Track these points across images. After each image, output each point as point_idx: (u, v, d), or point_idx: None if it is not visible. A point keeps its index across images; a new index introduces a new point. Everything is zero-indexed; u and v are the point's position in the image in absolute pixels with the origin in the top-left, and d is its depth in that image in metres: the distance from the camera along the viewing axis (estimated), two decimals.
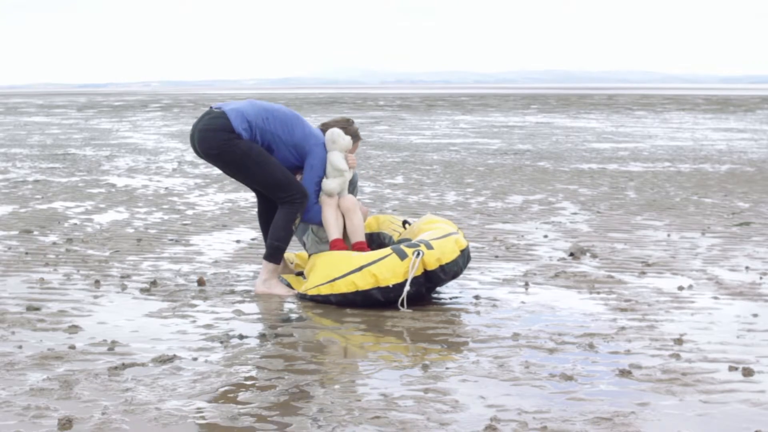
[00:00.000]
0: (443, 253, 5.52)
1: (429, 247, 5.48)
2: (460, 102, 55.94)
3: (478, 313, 5.48)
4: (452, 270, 5.59)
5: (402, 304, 5.47)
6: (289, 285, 6.03)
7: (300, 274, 6.28)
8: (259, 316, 5.41)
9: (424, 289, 5.58)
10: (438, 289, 6.00)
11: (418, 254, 5.42)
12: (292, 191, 5.88)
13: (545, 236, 8.16)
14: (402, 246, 5.58)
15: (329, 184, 5.98)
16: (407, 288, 5.42)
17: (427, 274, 5.49)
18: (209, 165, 15.21)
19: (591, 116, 35.06)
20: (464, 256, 5.70)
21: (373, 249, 6.19)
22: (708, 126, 27.85)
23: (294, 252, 6.89)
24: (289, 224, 5.92)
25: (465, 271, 6.60)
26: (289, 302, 5.76)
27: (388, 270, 5.43)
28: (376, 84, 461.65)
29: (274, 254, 5.96)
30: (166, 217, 9.37)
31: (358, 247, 5.98)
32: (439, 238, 5.64)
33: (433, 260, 5.47)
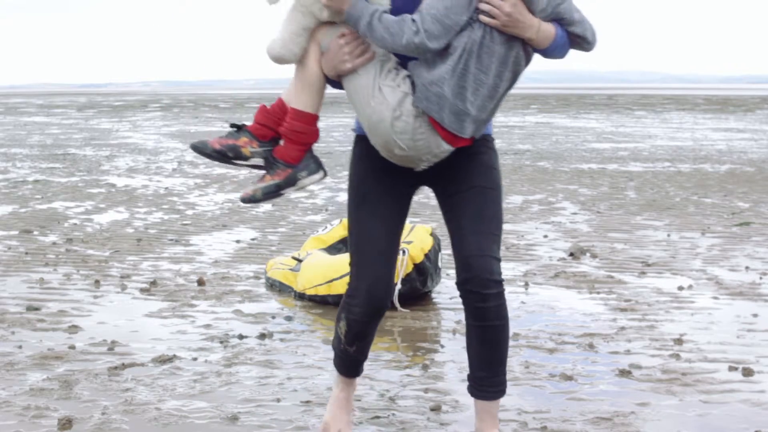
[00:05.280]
0: (422, 241, 5.71)
1: (408, 242, 5.61)
2: None
3: None
4: (434, 256, 5.74)
5: (396, 305, 5.49)
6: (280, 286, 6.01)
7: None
8: (259, 316, 5.41)
9: (418, 284, 5.61)
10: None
11: (404, 252, 5.52)
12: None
13: (545, 236, 8.16)
14: None
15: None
16: (398, 287, 5.48)
17: (417, 267, 5.58)
18: (209, 165, 15.18)
19: (591, 116, 35.05)
20: (435, 238, 5.89)
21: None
22: (708, 126, 27.85)
23: (285, 256, 6.88)
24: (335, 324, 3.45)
25: None
26: (288, 302, 5.76)
27: None
28: None
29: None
30: (166, 217, 9.37)
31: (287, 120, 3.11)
32: (410, 233, 5.82)
33: (417, 252, 5.62)
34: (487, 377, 3.21)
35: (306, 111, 3.07)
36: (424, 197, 10.98)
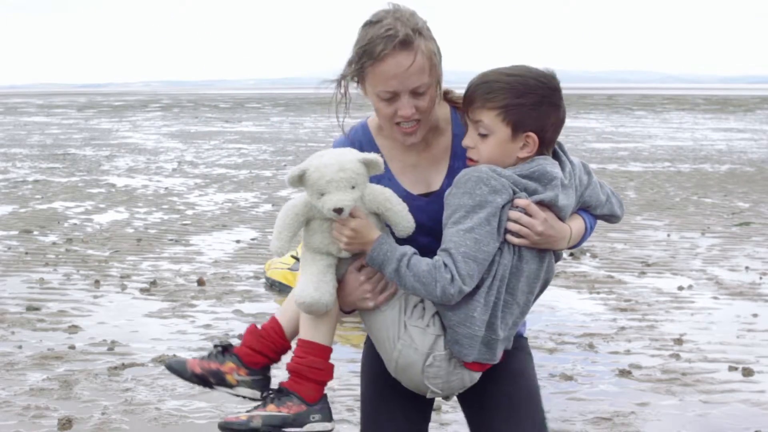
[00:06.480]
0: None
1: None
2: None
3: None
4: None
5: None
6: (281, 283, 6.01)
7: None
8: (259, 316, 5.41)
9: None
10: None
11: None
12: None
13: None
14: None
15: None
16: None
17: None
18: (209, 165, 15.19)
19: (591, 116, 35.05)
20: None
21: None
22: (708, 126, 27.85)
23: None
24: None
25: None
26: None
27: None
28: None
29: None
30: (166, 217, 9.37)
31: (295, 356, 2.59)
32: None
33: None
34: None
35: (323, 344, 2.58)
36: None
